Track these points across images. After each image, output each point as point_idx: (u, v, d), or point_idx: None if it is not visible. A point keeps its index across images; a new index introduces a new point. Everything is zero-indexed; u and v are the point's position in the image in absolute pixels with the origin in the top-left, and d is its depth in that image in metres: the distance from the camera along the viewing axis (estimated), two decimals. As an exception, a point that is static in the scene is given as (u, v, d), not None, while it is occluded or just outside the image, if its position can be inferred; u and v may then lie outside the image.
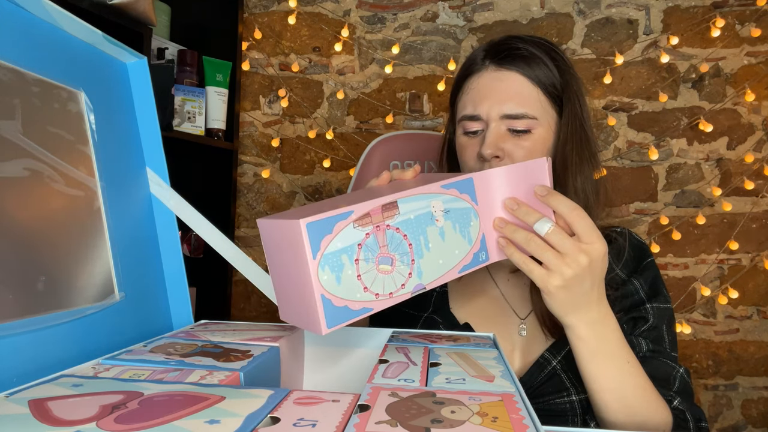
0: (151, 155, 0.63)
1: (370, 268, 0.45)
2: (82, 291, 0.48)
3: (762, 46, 1.58)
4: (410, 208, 0.48)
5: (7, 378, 0.39)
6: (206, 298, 1.62)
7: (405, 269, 0.48)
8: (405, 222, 0.48)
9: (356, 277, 0.44)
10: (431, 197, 0.50)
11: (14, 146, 0.43)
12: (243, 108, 1.80)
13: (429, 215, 0.50)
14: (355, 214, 0.44)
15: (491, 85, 0.72)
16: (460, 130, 0.76)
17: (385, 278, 0.46)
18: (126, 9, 1.18)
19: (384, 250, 0.46)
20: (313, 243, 0.42)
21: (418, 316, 0.81)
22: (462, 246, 0.52)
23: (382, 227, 0.46)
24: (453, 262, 0.51)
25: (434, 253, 0.50)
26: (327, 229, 0.42)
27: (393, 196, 0.47)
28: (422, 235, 0.49)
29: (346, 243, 0.44)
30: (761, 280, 1.60)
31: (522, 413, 0.32)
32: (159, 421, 0.29)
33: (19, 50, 0.46)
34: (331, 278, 0.43)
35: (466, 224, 0.53)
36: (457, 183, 0.52)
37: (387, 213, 0.47)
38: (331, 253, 0.43)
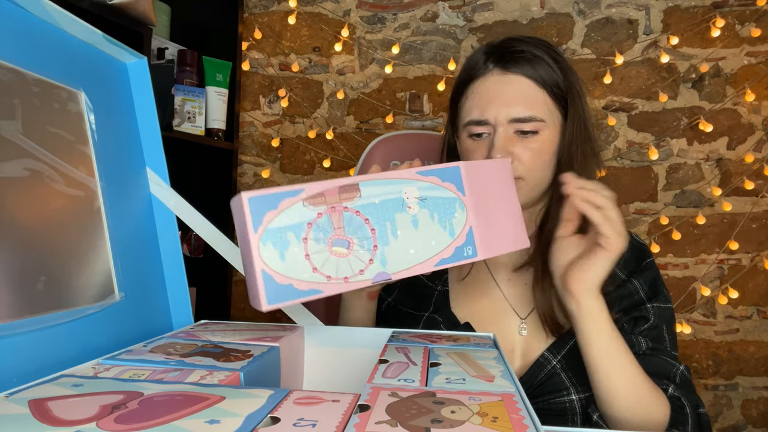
0: (151, 155, 0.63)
1: (321, 248, 0.43)
2: (82, 291, 0.48)
3: (762, 46, 1.58)
4: (375, 192, 0.46)
5: (7, 378, 0.39)
6: (206, 298, 1.62)
7: (365, 254, 0.45)
8: (367, 206, 0.46)
9: (303, 255, 0.42)
10: (403, 183, 0.48)
11: (14, 146, 0.43)
12: (243, 108, 1.80)
13: (399, 201, 0.47)
14: (306, 193, 0.43)
15: (498, 89, 0.72)
16: (464, 133, 0.75)
17: (339, 261, 0.44)
18: (126, 9, 1.18)
19: (339, 231, 0.44)
20: (255, 217, 0.41)
21: (419, 316, 0.81)
22: (441, 237, 0.49)
23: (338, 209, 0.44)
24: (428, 253, 0.48)
25: (403, 241, 0.47)
26: (272, 205, 0.42)
27: (354, 178, 0.46)
28: (389, 221, 0.46)
29: (294, 220, 0.42)
30: (761, 280, 1.60)
31: (522, 413, 0.32)
32: (159, 421, 0.29)
33: (19, 50, 0.46)
34: (273, 254, 0.41)
35: (448, 215, 0.49)
36: (438, 171, 0.49)
37: (345, 195, 0.45)
38: (274, 229, 0.42)
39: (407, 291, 0.84)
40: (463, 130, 0.76)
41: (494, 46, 0.75)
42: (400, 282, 0.84)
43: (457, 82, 0.78)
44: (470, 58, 0.78)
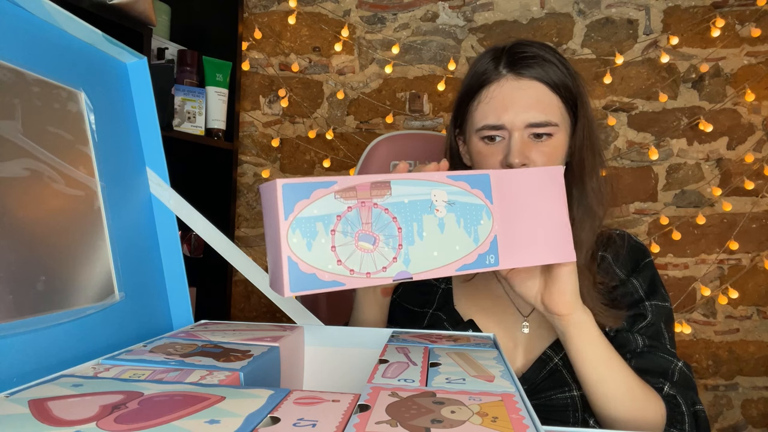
0: (151, 155, 0.63)
1: (348, 241, 0.44)
2: (82, 291, 0.48)
3: (762, 46, 1.58)
4: (405, 191, 0.46)
5: (7, 378, 0.39)
6: (206, 298, 1.62)
7: (389, 252, 0.46)
8: (397, 204, 0.46)
9: (330, 247, 0.43)
10: (433, 185, 0.48)
11: (14, 146, 0.43)
12: (243, 108, 1.80)
13: (427, 203, 0.47)
14: (339, 186, 0.44)
15: (514, 94, 0.73)
16: (476, 137, 0.76)
17: (363, 256, 0.44)
18: (126, 9, 1.18)
19: (367, 227, 0.45)
20: (287, 204, 0.42)
21: (422, 313, 0.82)
22: (465, 243, 0.49)
23: (368, 204, 0.45)
24: (451, 257, 0.48)
25: (429, 243, 0.47)
26: (304, 194, 0.42)
27: (386, 176, 0.46)
28: (416, 222, 0.47)
29: (324, 211, 0.43)
30: (761, 280, 1.60)
31: (522, 413, 0.32)
32: (159, 421, 0.29)
33: (19, 50, 0.46)
34: (301, 242, 0.42)
35: (474, 221, 0.49)
36: (468, 177, 0.49)
37: (376, 191, 0.45)
38: (304, 218, 0.42)
39: (412, 288, 0.85)
40: (474, 134, 0.76)
41: (504, 51, 0.76)
42: None
43: (466, 87, 0.78)
44: (478, 63, 0.77)
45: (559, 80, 0.74)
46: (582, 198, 0.77)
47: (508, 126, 0.72)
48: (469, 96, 0.77)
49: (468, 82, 0.78)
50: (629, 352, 0.73)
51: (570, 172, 0.77)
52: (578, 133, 0.76)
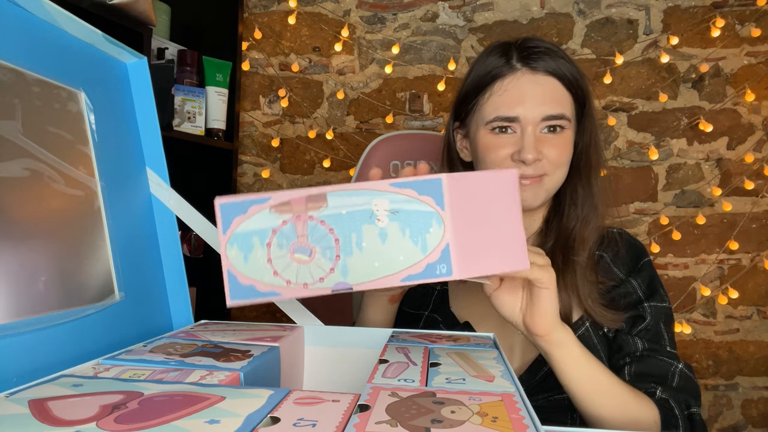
0: (151, 155, 0.63)
1: (283, 254, 0.45)
2: (82, 291, 0.48)
3: (762, 46, 1.58)
4: (343, 202, 0.46)
5: (7, 378, 0.39)
6: (206, 298, 1.62)
7: (326, 263, 0.46)
8: (333, 216, 0.46)
9: (266, 260, 0.45)
10: (375, 194, 0.46)
11: (14, 146, 0.43)
12: (243, 108, 1.80)
13: (367, 213, 0.46)
14: (273, 201, 0.45)
15: (530, 87, 0.73)
16: (485, 129, 0.75)
17: (300, 268, 0.45)
18: (126, 9, 1.18)
19: (302, 239, 0.46)
20: (225, 221, 0.45)
21: (418, 315, 0.81)
22: (411, 253, 0.47)
23: (303, 217, 0.46)
24: (394, 268, 0.46)
25: (368, 254, 0.46)
26: (241, 210, 0.45)
27: (322, 189, 0.46)
28: (355, 233, 0.46)
29: (259, 226, 0.45)
30: (761, 280, 1.60)
31: (522, 413, 0.32)
32: (159, 421, 0.29)
33: (19, 50, 0.46)
34: (238, 256, 0.45)
35: (422, 229, 0.47)
36: (415, 183, 0.47)
37: (312, 204, 0.46)
38: (241, 233, 0.45)
39: (408, 291, 0.84)
40: (483, 127, 0.75)
41: (514, 46, 0.75)
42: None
43: (475, 81, 0.78)
44: (486, 58, 0.77)
45: (572, 76, 0.74)
46: (588, 197, 0.77)
47: (522, 118, 0.72)
48: (477, 89, 0.77)
49: (476, 76, 0.78)
50: (628, 355, 0.73)
51: (575, 171, 0.78)
52: (586, 132, 0.77)
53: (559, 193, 0.79)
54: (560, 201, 0.80)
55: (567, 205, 0.78)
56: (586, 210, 0.77)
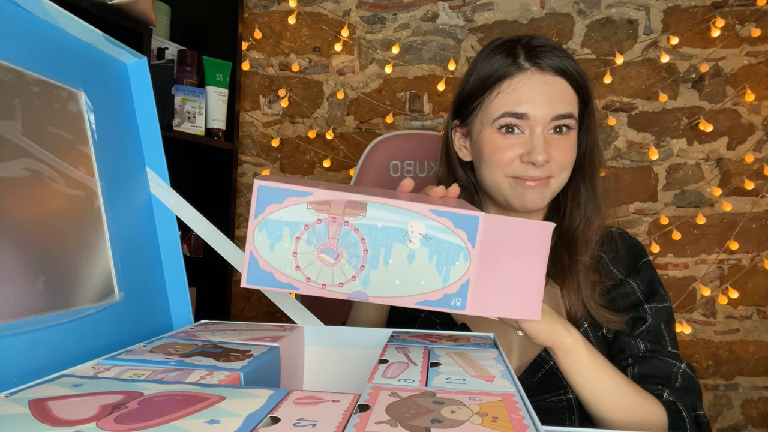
0: (151, 155, 0.63)
1: (310, 251, 0.45)
2: (82, 291, 0.48)
3: (762, 46, 1.58)
4: (381, 216, 0.46)
5: (7, 378, 0.39)
6: (206, 298, 1.62)
7: (350, 270, 0.46)
8: (368, 227, 0.46)
9: (291, 252, 0.45)
10: (413, 216, 0.47)
11: (14, 146, 0.43)
12: (243, 108, 1.80)
13: (401, 232, 0.46)
14: (313, 197, 0.45)
15: (540, 87, 0.72)
16: (493, 128, 0.74)
17: (323, 268, 0.46)
18: (126, 9, 1.18)
19: (333, 242, 0.46)
20: (260, 205, 0.45)
21: (416, 316, 0.81)
22: (432, 280, 0.47)
23: (338, 220, 0.46)
24: (413, 290, 0.47)
25: (392, 271, 0.46)
26: (277, 199, 0.45)
27: (365, 198, 0.46)
28: (384, 248, 0.46)
29: (293, 218, 0.45)
30: (761, 280, 1.60)
31: (522, 413, 0.32)
32: (159, 421, 0.29)
33: (19, 50, 0.46)
34: (265, 242, 0.45)
35: (449, 261, 0.47)
36: (454, 215, 0.47)
37: (350, 210, 0.46)
38: (273, 221, 0.45)
39: None
40: (490, 126, 0.74)
41: (521, 45, 0.75)
42: None
43: (481, 80, 0.76)
44: (492, 57, 0.76)
45: (579, 76, 0.74)
46: (592, 197, 0.77)
47: (531, 117, 0.71)
48: (483, 88, 0.76)
49: (481, 75, 0.76)
50: (631, 357, 0.72)
51: (579, 172, 0.78)
52: (590, 132, 0.77)
53: (560, 193, 0.79)
54: (560, 201, 0.80)
55: (570, 206, 0.78)
56: (589, 211, 0.77)
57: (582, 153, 0.78)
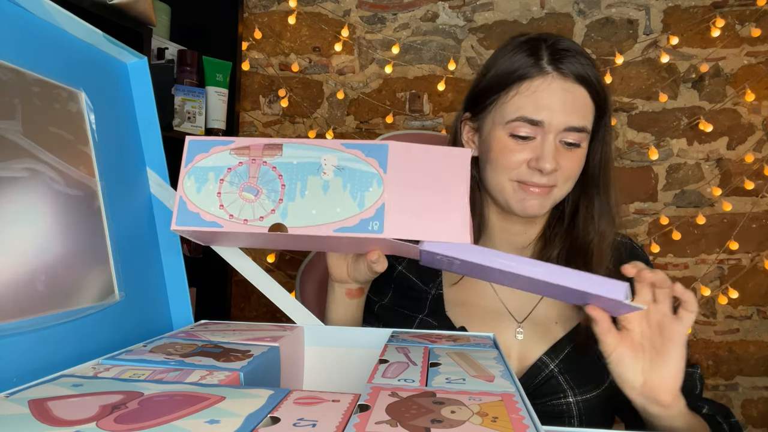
0: (151, 155, 0.63)
1: (232, 190, 0.50)
2: (82, 291, 0.48)
3: (762, 46, 1.58)
4: (296, 154, 0.51)
5: (7, 378, 0.39)
6: (206, 298, 1.62)
7: (269, 204, 0.50)
8: (285, 164, 0.51)
9: (216, 193, 0.50)
10: (325, 151, 0.51)
11: (14, 146, 0.43)
12: (243, 108, 1.80)
13: (316, 165, 0.51)
14: (235, 144, 0.51)
15: (560, 95, 0.71)
16: (506, 130, 0.72)
17: (244, 205, 0.50)
18: (126, 9, 1.18)
19: (252, 181, 0.50)
20: (189, 155, 0.51)
21: (413, 317, 0.80)
22: (348, 206, 0.50)
23: (258, 161, 0.50)
24: (330, 218, 0.50)
25: (309, 201, 0.50)
26: (204, 149, 0.51)
27: (281, 140, 0.51)
28: (300, 181, 0.50)
29: (217, 164, 0.50)
30: (761, 280, 1.60)
31: (522, 413, 0.32)
32: (159, 421, 0.29)
33: (19, 50, 0.46)
34: (192, 186, 0.50)
35: (363, 187, 0.50)
36: (363, 145, 0.51)
37: (268, 151, 0.51)
38: (200, 167, 0.50)
39: (401, 294, 0.83)
40: (503, 126, 0.73)
41: (545, 45, 0.73)
42: (393, 284, 0.83)
43: (499, 77, 0.74)
44: (514, 55, 0.74)
45: (599, 86, 0.73)
46: (606, 210, 0.76)
47: (546, 124, 0.70)
48: (500, 86, 0.74)
49: (500, 71, 0.75)
50: None
51: (592, 184, 0.77)
52: (606, 143, 0.76)
53: (565, 203, 0.78)
54: (563, 209, 0.80)
55: (583, 219, 0.77)
56: (603, 225, 0.76)
57: (596, 164, 0.76)
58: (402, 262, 0.83)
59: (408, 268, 0.83)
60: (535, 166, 0.71)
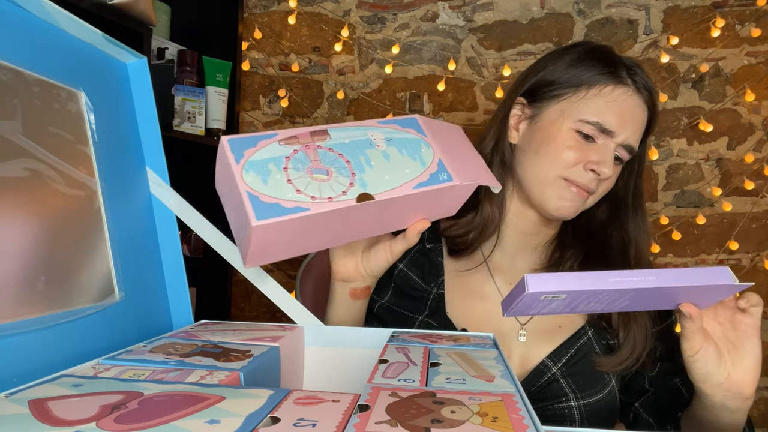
0: (151, 155, 0.63)
1: (302, 175, 0.48)
2: (82, 291, 0.48)
3: (762, 46, 1.58)
4: (344, 135, 0.52)
5: (7, 378, 0.39)
6: (206, 298, 1.62)
7: (345, 179, 0.49)
8: (338, 144, 0.51)
9: (286, 181, 0.47)
10: (368, 129, 0.53)
11: (14, 146, 0.43)
12: (243, 108, 1.80)
13: (367, 141, 0.52)
14: (280, 136, 0.49)
15: (635, 111, 0.72)
16: (572, 126, 0.72)
17: (321, 185, 0.48)
18: (126, 9, 1.18)
19: (316, 163, 0.49)
20: (236, 153, 0.46)
21: (413, 318, 0.79)
22: (413, 166, 0.53)
23: (312, 146, 0.49)
24: (404, 179, 0.52)
25: (378, 170, 0.51)
26: (251, 144, 0.47)
27: (323, 126, 0.51)
28: (361, 156, 0.51)
29: (272, 155, 0.47)
30: (761, 280, 1.60)
31: (522, 413, 0.31)
32: (159, 421, 0.29)
33: (19, 50, 0.46)
34: (256, 179, 0.46)
35: (416, 150, 0.54)
36: (396, 120, 0.55)
37: (317, 137, 0.50)
38: (256, 161, 0.46)
39: (401, 294, 0.82)
40: (573, 122, 0.72)
41: (618, 59, 0.74)
42: (393, 284, 0.83)
43: (575, 72, 0.73)
44: (589, 58, 0.74)
45: (655, 109, 0.74)
46: (642, 223, 0.78)
47: (615, 135, 0.71)
48: (575, 82, 0.73)
49: (576, 67, 0.74)
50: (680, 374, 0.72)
51: (624, 205, 0.78)
52: (643, 161, 0.78)
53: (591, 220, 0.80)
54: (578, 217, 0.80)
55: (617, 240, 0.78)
56: (640, 235, 0.78)
57: (628, 182, 0.78)
58: (402, 260, 0.83)
59: (409, 267, 0.83)
60: (595, 168, 0.71)
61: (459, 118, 1.69)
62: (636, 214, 0.78)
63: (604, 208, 0.79)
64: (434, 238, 0.84)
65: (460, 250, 0.80)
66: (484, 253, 0.81)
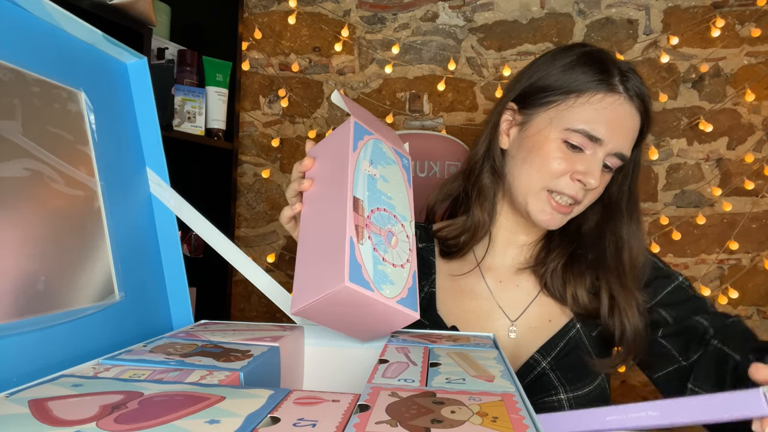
0: (151, 155, 0.63)
1: (387, 251, 0.53)
2: (82, 291, 0.48)
3: (762, 46, 1.58)
4: (360, 185, 0.55)
5: (7, 378, 0.39)
6: (206, 298, 1.62)
7: (398, 226, 0.56)
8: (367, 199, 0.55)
9: (381, 259, 0.52)
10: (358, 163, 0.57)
11: (14, 146, 0.43)
12: (243, 108, 1.80)
13: (369, 176, 0.57)
14: (353, 233, 0.50)
15: (626, 119, 0.71)
16: (561, 135, 0.71)
17: (396, 250, 0.54)
18: (126, 9, 1.18)
19: (383, 233, 0.54)
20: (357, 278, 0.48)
21: None
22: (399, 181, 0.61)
23: (368, 222, 0.53)
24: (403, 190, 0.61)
25: (393, 195, 0.58)
26: (359, 265, 0.49)
27: (348, 192, 0.53)
28: (382, 195, 0.57)
29: (368, 255, 0.50)
30: (761, 280, 1.60)
31: (522, 413, 0.31)
32: (159, 421, 0.29)
33: (19, 50, 0.46)
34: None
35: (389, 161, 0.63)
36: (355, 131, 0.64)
37: (358, 207, 0.53)
38: (374, 273, 0.50)
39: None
40: (561, 131, 0.71)
41: (614, 65, 0.72)
42: None
43: (566, 79, 0.72)
44: (583, 64, 0.72)
45: (649, 117, 0.73)
46: (637, 228, 0.78)
47: (604, 144, 0.70)
48: (566, 89, 0.72)
49: (568, 74, 0.73)
50: (708, 335, 0.72)
51: (618, 211, 0.78)
52: (638, 165, 0.78)
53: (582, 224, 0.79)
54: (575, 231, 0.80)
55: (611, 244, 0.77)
56: (635, 240, 0.77)
57: (622, 188, 0.78)
58: None
59: None
60: (581, 179, 0.70)
61: (459, 118, 1.69)
62: (630, 219, 0.78)
63: (597, 211, 0.79)
64: (427, 237, 0.85)
65: (452, 252, 0.81)
66: (477, 256, 0.82)
